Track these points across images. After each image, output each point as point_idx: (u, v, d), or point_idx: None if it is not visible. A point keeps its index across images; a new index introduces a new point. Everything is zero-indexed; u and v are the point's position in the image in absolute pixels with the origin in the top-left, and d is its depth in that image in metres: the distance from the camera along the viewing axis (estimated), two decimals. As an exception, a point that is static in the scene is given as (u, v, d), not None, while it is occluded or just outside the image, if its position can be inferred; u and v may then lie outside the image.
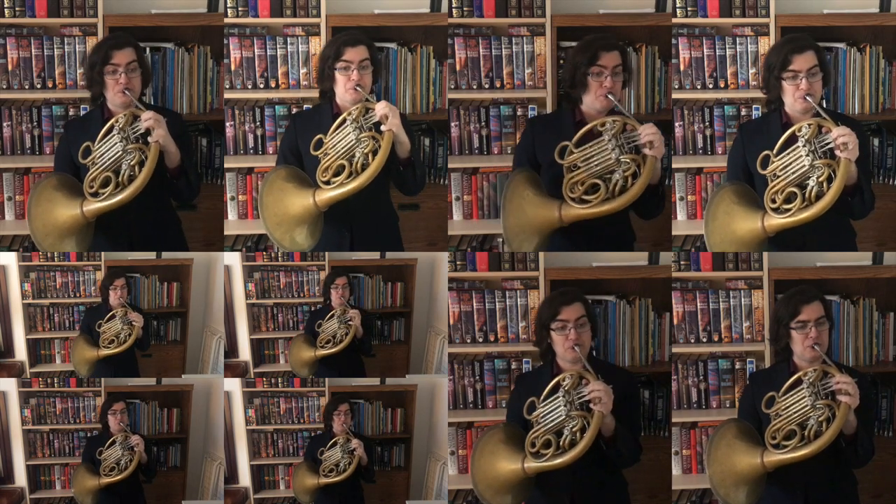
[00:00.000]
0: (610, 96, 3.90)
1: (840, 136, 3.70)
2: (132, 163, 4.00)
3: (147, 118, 3.97)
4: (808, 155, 3.76)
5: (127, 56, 4.04)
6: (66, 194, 4.06)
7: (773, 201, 3.81)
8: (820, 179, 3.75)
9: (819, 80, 3.82)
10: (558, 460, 3.82)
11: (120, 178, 4.01)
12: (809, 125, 3.77)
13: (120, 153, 4.01)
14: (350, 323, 4.78)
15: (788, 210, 3.79)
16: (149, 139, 3.99)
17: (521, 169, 4.01)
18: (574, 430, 3.82)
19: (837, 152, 3.72)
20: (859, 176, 3.77)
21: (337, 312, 4.80)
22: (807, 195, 3.77)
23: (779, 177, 3.81)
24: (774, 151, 3.82)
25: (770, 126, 3.90)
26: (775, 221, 3.81)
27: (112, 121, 4.02)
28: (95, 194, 4.03)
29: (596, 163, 3.89)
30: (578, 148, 3.90)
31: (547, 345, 3.96)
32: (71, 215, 4.05)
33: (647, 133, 3.83)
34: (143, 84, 4.10)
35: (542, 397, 3.87)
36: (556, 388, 3.86)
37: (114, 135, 4.01)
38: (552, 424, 3.85)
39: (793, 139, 3.80)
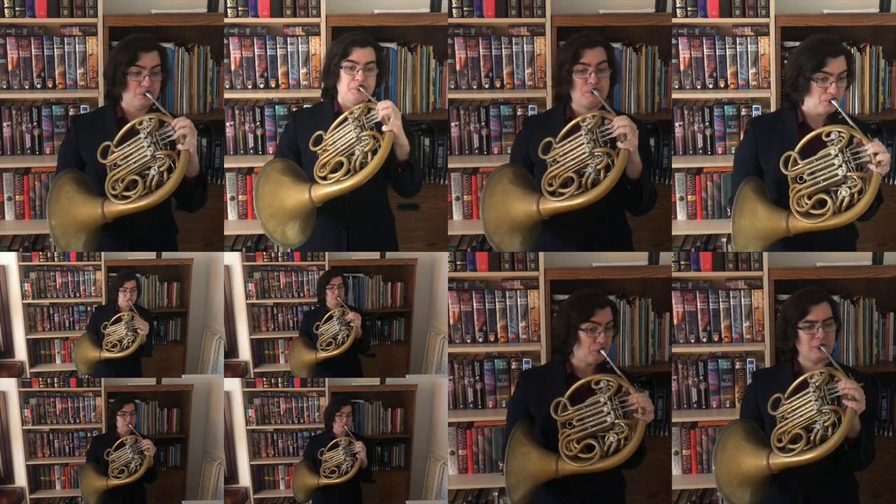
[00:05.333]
0: (595, 93, 3.91)
1: (875, 151, 3.70)
2: (161, 168, 3.96)
3: (183, 126, 3.94)
4: (841, 165, 3.73)
5: (153, 59, 3.99)
6: (86, 193, 4.00)
7: (800, 205, 3.80)
8: (853, 190, 3.74)
9: (844, 84, 3.82)
10: (602, 464, 3.78)
11: (147, 183, 3.97)
12: (841, 133, 3.75)
13: (148, 157, 3.95)
14: (351, 325, 4.77)
15: (820, 216, 3.77)
16: (178, 146, 3.95)
17: (506, 164, 4.02)
18: (620, 436, 3.79)
19: (871, 167, 3.72)
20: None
21: (336, 314, 4.79)
22: (838, 204, 3.75)
23: (805, 181, 3.78)
24: (799, 154, 3.79)
25: (786, 124, 3.88)
26: (801, 224, 3.79)
27: (135, 123, 3.96)
28: (119, 196, 3.96)
29: (572, 157, 3.90)
30: (560, 143, 3.92)
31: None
32: (90, 214, 3.99)
33: (620, 126, 3.85)
34: (160, 87, 4.06)
35: (566, 396, 3.80)
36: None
37: (141, 138, 3.96)
38: (594, 429, 3.80)
39: (818, 142, 3.78)
